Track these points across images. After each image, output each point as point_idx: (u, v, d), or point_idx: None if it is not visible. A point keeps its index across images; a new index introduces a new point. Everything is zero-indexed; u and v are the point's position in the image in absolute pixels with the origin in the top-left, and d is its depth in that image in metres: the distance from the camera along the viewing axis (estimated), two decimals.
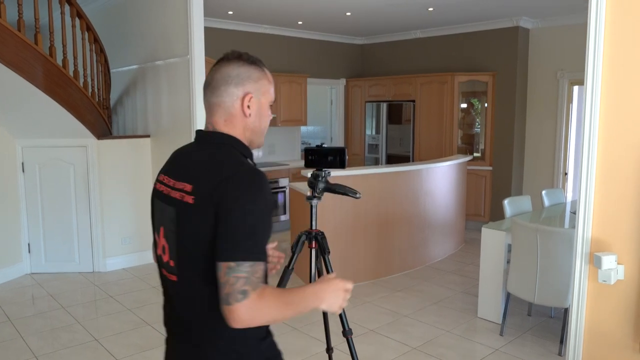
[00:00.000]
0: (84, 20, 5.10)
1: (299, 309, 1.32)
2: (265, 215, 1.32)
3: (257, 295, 1.23)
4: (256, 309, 1.24)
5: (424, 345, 3.85)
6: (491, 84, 7.16)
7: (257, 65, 1.46)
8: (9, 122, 5.07)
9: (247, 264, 1.24)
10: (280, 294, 1.30)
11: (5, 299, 4.71)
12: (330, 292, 1.38)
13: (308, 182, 2.13)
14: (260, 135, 1.50)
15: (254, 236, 1.28)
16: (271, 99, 1.49)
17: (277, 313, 1.29)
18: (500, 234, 4.18)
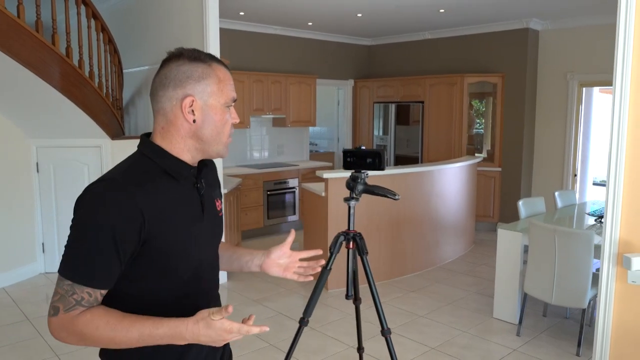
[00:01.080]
0: (99, 21, 5.12)
1: (143, 341, 1.16)
2: (93, 231, 1.14)
3: (67, 317, 1.15)
4: (64, 329, 1.16)
5: (442, 345, 3.87)
6: (500, 85, 7.18)
7: (200, 62, 1.26)
8: (24, 123, 5.08)
9: (66, 282, 1.15)
10: (111, 322, 1.15)
11: (22, 298, 4.72)
12: (206, 336, 1.15)
13: (346, 184, 2.15)
14: (215, 143, 1.29)
15: (76, 254, 1.16)
16: (226, 99, 1.28)
17: (101, 340, 1.16)
18: (516, 234, 4.20)
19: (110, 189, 1.17)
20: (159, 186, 1.23)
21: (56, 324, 1.16)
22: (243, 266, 1.58)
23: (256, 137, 7.67)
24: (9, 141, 5.05)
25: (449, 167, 5.86)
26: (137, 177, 1.21)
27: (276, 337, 3.96)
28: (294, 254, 1.57)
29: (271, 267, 1.55)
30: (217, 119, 1.27)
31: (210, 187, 1.41)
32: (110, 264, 1.16)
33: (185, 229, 1.27)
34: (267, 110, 7.26)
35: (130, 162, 1.27)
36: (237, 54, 7.13)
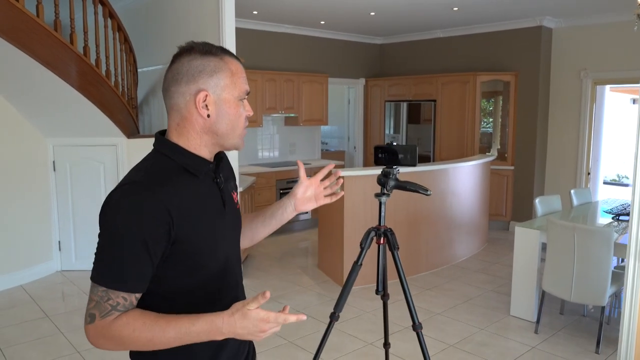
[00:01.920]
0: (116, 20, 5.15)
1: (181, 340, 1.15)
2: (124, 236, 1.13)
3: (103, 323, 1.15)
4: (101, 335, 1.15)
5: (460, 342, 3.87)
6: (513, 83, 7.16)
7: (212, 55, 1.24)
8: (41, 122, 5.11)
9: (100, 288, 1.15)
10: (146, 324, 1.14)
11: (40, 296, 4.75)
12: (242, 328, 1.13)
13: (377, 180, 2.15)
14: (230, 137, 1.28)
15: (109, 259, 1.15)
16: (239, 92, 1.26)
17: (139, 343, 1.15)
18: (534, 232, 4.19)
19: (135, 192, 1.16)
20: (181, 184, 1.22)
21: (94, 332, 1.16)
22: (281, 220, 1.60)
23: (268, 135, 7.68)
24: (27, 140, 5.09)
25: (463, 165, 5.85)
26: (159, 178, 1.20)
27: (294, 335, 3.97)
28: (314, 181, 1.58)
29: (304, 204, 1.58)
30: (231, 113, 1.26)
31: (227, 180, 1.40)
32: (142, 267, 1.16)
33: (210, 225, 1.27)
34: (279, 109, 7.28)
35: (149, 163, 1.26)
36: (250, 53, 7.15)
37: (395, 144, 2.08)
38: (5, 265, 4.92)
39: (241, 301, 1.15)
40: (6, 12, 3.86)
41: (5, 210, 4.91)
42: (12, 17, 3.90)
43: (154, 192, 1.16)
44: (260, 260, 5.93)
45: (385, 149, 2.09)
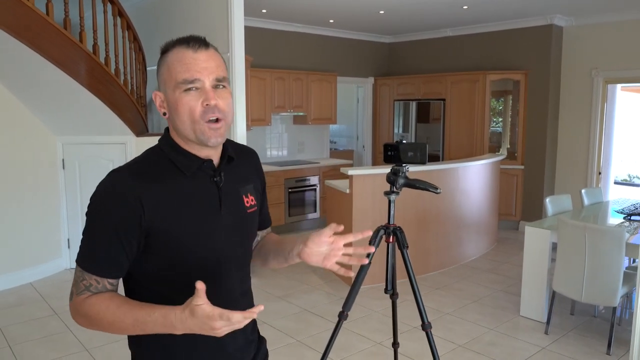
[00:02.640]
0: (125, 18, 5.16)
1: (138, 329, 1.15)
2: (97, 221, 1.19)
3: (77, 300, 1.20)
4: (76, 312, 1.22)
5: (469, 342, 3.84)
6: (523, 82, 7.11)
7: (162, 53, 1.26)
8: (50, 120, 5.14)
9: (78, 268, 1.22)
10: (111, 307, 1.16)
11: (49, 293, 4.77)
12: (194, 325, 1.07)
13: (387, 178, 2.14)
14: (188, 131, 1.23)
15: (85, 243, 1.21)
16: (175, 81, 1.21)
17: (104, 325, 1.18)
18: (544, 232, 4.15)
19: (112, 180, 1.21)
20: (166, 178, 1.23)
21: (71, 307, 1.23)
22: (287, 258, 1.42)
23: (277, 134, 7.68)
24: (36, 138, 5.11)
25: (472, 164, 5.81)
26: (142, 169, 1.24)
27: (303, 334, 3.96)
28: (338, 240, 1.33)
29: (310, 256, 1.33)
30: (177, 106, 1.22)
31: (237, 181, 1.36)
32: (113, 253, 1.19)
33: (195, 223, 1.24)
34: (288, 107, 7.27)
35: (143, 155, 1.29)
36: (259, 52, 7.14)
37: (404, 141, 2.06)
38: (14, 263, 4.95)
39: (192, 296, 1.07)
40: (16, 11, 3.88)
41: (15, 208, 4.94)
42: (22, 15, 3.91)
43: (128, 182, 1.20)
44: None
45: (395, 147, 2.07)
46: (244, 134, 5.08)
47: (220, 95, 1.23)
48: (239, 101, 4.99)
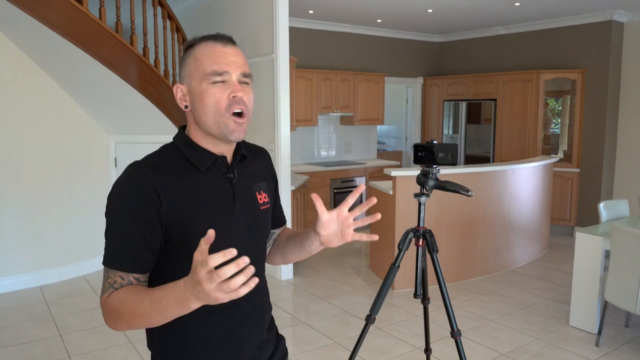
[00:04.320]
0: (174, 21, 5.30)
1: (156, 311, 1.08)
2: (118, 217, 1.18)
3: (103, 300, 1.19)
4: (105, 312, 1.20)
5: (513, 351, 3.70)
6: (580, 81, 6.80)
7: (188, 48, 1.27)
8: (103, 120, 5.34)
9: (104, 268, 1.20)
10: (130, 296, 1.14)
11: (99, 286, 4.95)
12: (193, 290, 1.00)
13: (417, 179, 2.08)
14: (212, 124, 1.23)
15: (108, 241, 1.20)
16: (203, 73, 1.21)
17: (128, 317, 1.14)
18: (596, 239, 3.95)
19: (129, 173, 1.21)
20: (180, 173, 1.24)
21: (102, 310, 1.21)
22: (309, 251, 1.40)
23: (324, 135, 7.68)
24: (91, 137, 5.32)
25: (523, 166, 5.61)
26: (158, 163, 1.23)
27: (341, 335, 3.93)
28: (339, 212, 1.30)
29: (329, 240, 1.32)
30: (203, 97, 1.22)
31: (251, 178, 1.37)
32: (136, 247, 1.18)
33: (209, 219, 1.24)
34: (335, 108, 7.26)
35: (158, 151, 1.30)
36: (306, 52, 7.17)
37: (435, 142, 1.99)
38: (68, 256, 5.18)
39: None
40: (72, 16, 4.06)
41: (70, 204, 5.16)
42: (77, 20, 4.09)
43: (144, 173, 1.20)
44: (311, 259, 5.93)
45: (425, 148, 2.01)
46: (288, 134, 5.10)
47: (246, 90, 1.25)
48: (283, 102, 5.02)
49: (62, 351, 3.66)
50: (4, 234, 4.78)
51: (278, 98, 5.00)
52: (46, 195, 4.99)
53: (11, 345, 3.73)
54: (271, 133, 5.11)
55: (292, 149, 6.79)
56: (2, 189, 4.74)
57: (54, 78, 4.91)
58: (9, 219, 4.79)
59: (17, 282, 4.84)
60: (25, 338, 3.86)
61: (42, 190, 4.96)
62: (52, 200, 5.03)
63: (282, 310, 4.44)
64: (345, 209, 1.31)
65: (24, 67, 4.75)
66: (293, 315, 4.32)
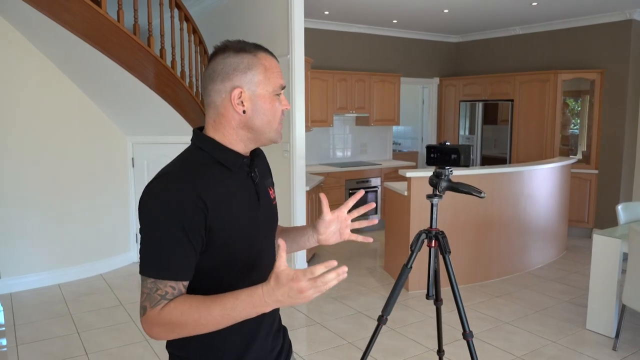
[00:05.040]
0: (191, 23, 5.35)
1: (228, 317, 1.13)
2: (163, 225, 1.17)
3: (154, 312, 1.17)
4: (154, 324, 1.17)
5: (528, 354, 3.67)
6: (599, 82, 6.71)
7: (246, 52, 1.27)
8: (121, 120, 5.41)
9: (149, 280, 1.17)
10: (192, 306, 1.15)
11: (117, 284, 5.03)
12: (281, 294, 1.09)
13: (429, 181, 2.08)
14: (267, 131, 1.30)
15: (153, 250, 1.18)
16: (273, 87, 1.28)
17: (189, 327, 1.16)
18: (614, 241, 3.90)
19: (170, 182, 1.20)
20: (215, 177, 1.25)
21: (147, 322, 1.19)
22: (302, 246, 1.54)
23: (339, 135, 7.69)
24: (109, 138, 5.40)
25: (540, 168, 5.56)
26: (193, 169, 1.24)
27: (355, 336, 3.94)
28: (339, 213, 1.45)
29: (327, 239, 1.47)
30: (266, 108, 1.28)
31: (263, 176, 1.42)
32: (185, 254, 1.19)
33: (244, 218, 1.29)
34: (350, 109, 7.26)
35: (185, 155, 1.30)
36: (322, 53, 7.19)
37: (448, 143, 1.99)
38: (87, 255, 5.26)
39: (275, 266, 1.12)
40: (90, 18, 4.12)
41: (89, 203, 5.24)
42: (95, 22, 4.15)
43: (189, 182, 1.20)
44: (327, 259, 5.91)
45: (438, 149, 2.01)
46: (303, 135, 5.12)
47: None
48: (298, 102, 5.04)
49: (80, 348, 3.72)
50: (25, 233, 4.87)
51: (293, 99, 5.02)
52: (66, 195, 5.08)
53: (31, 342, 3.80)
54: (286, 134, 5.14)
55: (308, 150, 6.81)
56: (23, 189, 4.83)
57: (74, 80, 4.99)
58: (30, 218, 4.88)
59: (37, 279, 4.94)
60: (45, 335, 3.93)
61: (61, 190, 5.05)
62: (71, 200, 5.12)
63: (296, 310, 4.45)
64: (345, 210, 1.45)
65: (47, 71, 4.83)
66: (307, 315, 4.34)
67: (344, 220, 1.44)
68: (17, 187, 4.81)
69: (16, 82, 4.73)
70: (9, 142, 4.74)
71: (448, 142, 2.02)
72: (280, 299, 1.10)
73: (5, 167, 4.75)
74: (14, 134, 4.76)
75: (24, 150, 4.81)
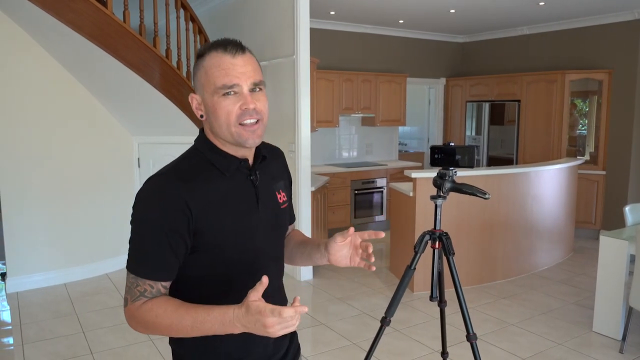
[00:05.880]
0: (196, 23, 5.36)
1: (197, 329, 1.16)
2: (146, 225, 1.20)
3: (132, 307, 1.21)
4: (132, 318, 1.22)
5: (533, 356, 3.65)
6: (607, 82, 6.66)
7: (199, 57, 1.27)
8: (127, 121, 5.42)
9: (131, 275, 1.21)
10: (168, 311, 1.17)
11: (123, 284, 5.02)
12: (248, 322, 1.10)
13: (433, 181, 2.07)
14: (227, 133, 1.25)
15: (136, 249, 1.22)
16: (214, 86, 1.23)
17: (162, 328, 1.19)
18: (621, 243, 3.87)
19: (158, 183, 1.22)
20: (207, 179, 1.26)
21: (127, 314, 1.23)
22: (315, 262, 1.50)
23: (345, 136, 7.68)
24: (116, 138, 5.42)
25: (546, 168, 5.52)
26: (184, 172, 1.25)
27: (359, 337, 3.93)
28: (354, 239, 1.40)
29: (338, 261, 1.41)
30: (215, 109, 1.24)
31: (271, 178, 1.41)
32: (165, 257, 1.21)
33: (237, 220, 1.28)
34: (356, 109, 7.25)
35: (182, 157, 1.32)
36: (327, 53, 7.18)
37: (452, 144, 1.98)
38: (92, 254, 5.28)
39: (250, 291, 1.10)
40: (96, 19, 4.14)
41: (95, 203, 5.26)
42: (101, 22, 4.17)
43: (176, 187, 1.21)
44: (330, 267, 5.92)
45: (442, 150, 2.00)
46: (308, 135, 5.11)
47: (257, 98, 1.27)
48: (304, 103, 5.04)
49: (85, 348, 3.73)
50: (31, 233, 4.89)
51: (298, 99, 5.01)
52: (71, 195, 5.10)
53: (36, 341, 3.82)
54: (291, 134, 5.13)
55: (313, 150, 6.80)
56: (29, 189, 4.86)
57: (80, 80, 5.01)
58: (36, 218, 4.91)
59: (43, 279, 4.96)
60: (50, 334, 3.95)
61: (67, 190, 5.07)
62: (77, 199, 5.14)
63: None
64: (359, 239, 1.39)
65: (52, 71, 4.85)
66: (312, 316, 4.33)
67: (356, 249, 1.39)
68: (23, 187, 4.83)
69: (22, 82, 4.75)
70: (15, 142, 4.77)
71: (452, 143, 2.01)
72: (247, 326, 1.10)
73: (11, 167, 4.77)
74: (21, 134, 4.78)
75: (29, 150, 4.84)
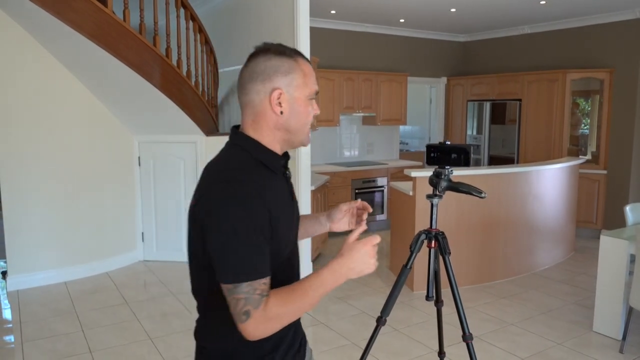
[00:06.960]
0: (197, 22, 5.35)
1: (319, 295, 1.25)
2: (242, 229, 1.20)
3: (260, 311, 1.20)
4: (263, 322, 1.20)
5: (533, 356, 3.64)
6: (608, 81, 6.65)
7: (287, 56, 1.31)
8: (128, 120, 5.43)
9: (242, 285, 1.19)
10: (288, 294, 1.24)
11: (122, 283, 5.05)
12: (353, 261, 1.28)
13: (429, 180, 2.07)
14: (299, 133, 1.35)
15: (239, 255, 1.20)
16: (309, 92, 1.33)
17: (291, 313, 1.25)
18: (622, 242, 3.86)
19: (237, 188, 1.22)
20: (267, 178, 1.30)
21: (253, 325, 1.20)
22: (312, 234, 1.71)
23: (346, 135, 7.68)
24: (116, 137, 5.42)
25: (547, 168, 5.51)
26: (253, 171, 1.29)
27: (358, 336, 3.93)
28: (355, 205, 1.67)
29: (340, 227, 1.68)
30: (302, 111, 1.33)
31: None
32: (264, 253, 1.24)
33: (287, 217, 1.36)
34: (357, 108, 7.24)
35: (238, 158, 1.32)
36: (328, 53, 7.17)
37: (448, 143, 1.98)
38: (93, 253, 5.28)
39: (346, 239, 1.31)
40: (96, 18, 4.13)
41: (95, 202, 5.27)
42: (101, 22, 4.16)
43: (251, 186, 1.24)
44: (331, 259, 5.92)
45: (438, 148, 2.00)
46: None
47: None
48: None
49: (84, 346, 3.74)
50: (32, 232, 4.91)
51: None
52: (72, 193, 5.11)
53: (36, 339, 3.83)
54: None
55: (314, 149, 6.80)
56: (30, 188, 4.86)
57: (80, 79, 5.02)
58: (37, 216, 4.92)
59: (44, 277, 4.97)
60: (49, 332, 3.96)
61: (68, 188, 5.08)
62: (78, 198, 5.14)
63: None
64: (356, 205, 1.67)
65: (53, 70, 4.86)
66: (312, 315, 4.33)
67: (353, 215, 1.66)
68: (24, 186, 4.84)
69: (23, 81, 4.76)
70: (16, 141, 4.78)
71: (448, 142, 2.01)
72: (352, 267, 1.27)
73: (12, 165, 4.78)
74: (21, 133, 4.79)
75: (30, 149, 4.84)
